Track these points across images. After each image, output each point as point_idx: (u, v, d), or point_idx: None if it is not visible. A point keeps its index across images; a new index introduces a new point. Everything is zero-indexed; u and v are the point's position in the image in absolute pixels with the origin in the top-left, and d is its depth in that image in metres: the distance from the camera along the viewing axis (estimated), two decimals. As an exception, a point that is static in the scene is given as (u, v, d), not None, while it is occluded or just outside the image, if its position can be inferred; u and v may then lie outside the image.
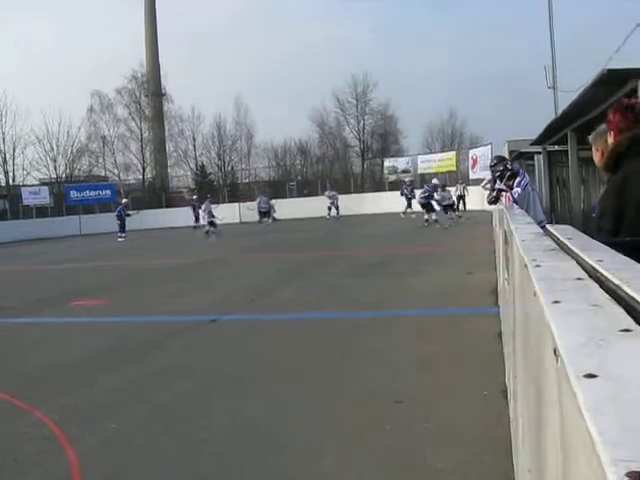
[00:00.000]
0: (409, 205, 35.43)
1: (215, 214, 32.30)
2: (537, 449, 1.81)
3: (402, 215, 34.71)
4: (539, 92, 61.12)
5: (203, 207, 33.27)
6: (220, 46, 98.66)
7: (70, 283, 17.13)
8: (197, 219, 37.36)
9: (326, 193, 40.10)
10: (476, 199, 36.02)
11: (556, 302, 1.43)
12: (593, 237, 2.91)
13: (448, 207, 29.48)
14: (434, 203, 28.52)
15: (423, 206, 28.67)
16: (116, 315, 11.35)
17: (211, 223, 31.88)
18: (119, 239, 33.80)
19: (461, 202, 38.50)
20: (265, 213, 40.16)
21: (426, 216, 28.44)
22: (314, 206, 42.90)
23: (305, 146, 67.73)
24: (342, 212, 39.97)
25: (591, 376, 0.88)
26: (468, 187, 39.66)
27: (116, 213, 35.88)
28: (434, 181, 30.23)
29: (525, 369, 2.48)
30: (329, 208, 39.08)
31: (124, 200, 38.28)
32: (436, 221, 27.68)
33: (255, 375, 7.09)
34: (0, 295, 15.58)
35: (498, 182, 9.88)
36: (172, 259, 22.23)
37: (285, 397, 6.25)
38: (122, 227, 35.07)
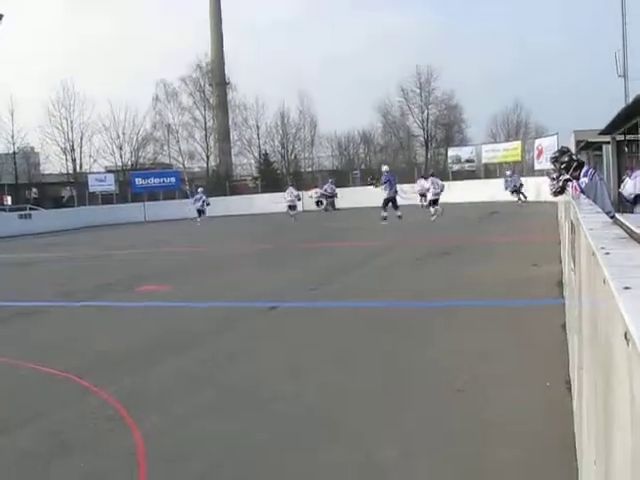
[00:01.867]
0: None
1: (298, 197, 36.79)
2: (604, 439, 1.78)
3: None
4: (607, 81, 59.58)
5: (287, 193, 35.91)
6: (284, 34, 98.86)
7: (135, 269, 17.44)
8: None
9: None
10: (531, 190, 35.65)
11: (627, 288, 1.41)
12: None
13: (432, 201, 26.91)
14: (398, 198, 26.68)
15: (390, 201, 26.28)
16: (179, 300, 11.52)
17: (291, 207, 34.89)
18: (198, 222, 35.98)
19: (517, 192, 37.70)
20: (318, 202, 40.63)
21: (398, 212, 25.90)
22: (377, 195, 42.69)
23: (369, 136, 67.64)
24: (401, 202, 39.63)
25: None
26: (523, 177, 38.29)
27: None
28: (385, 167, 27.86)
29: (592, 358, 2.44)
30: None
31: (200, 189, 39.30)
32: (384, 218, 25.86)
33: (314, 362, 7.12)
34: (67, 279, 15.96)
35: (564, 173, 9.70)
36: (235, 246, 22.47)
37: (344, 384, 6.27)
38: (200, 212, 37.35)
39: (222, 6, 72.37)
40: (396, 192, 26.57)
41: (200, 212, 37.19)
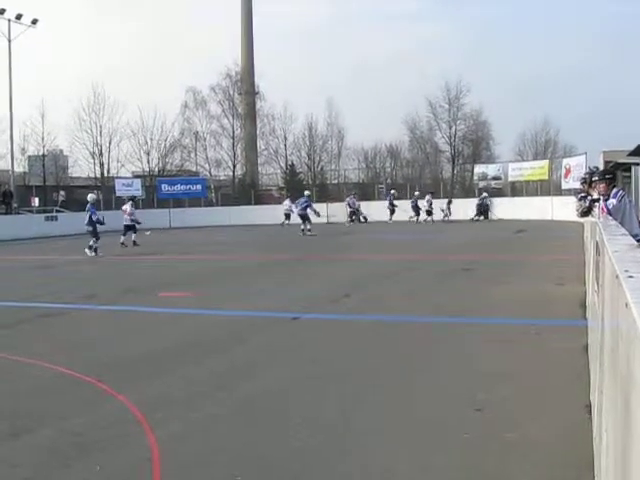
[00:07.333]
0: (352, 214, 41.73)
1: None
2: (622, 464, 1.76)
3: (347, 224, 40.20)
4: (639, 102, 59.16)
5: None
6: (314, 46, 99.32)
7: (158, 274, 17.53)
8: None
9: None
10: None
11: (649, 313, 1.39)
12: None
13: (352, 214, 40.83)
14: (310, 214, 32.67)
15: (301, 217, 32.55)
16: (201, 308, 11.55)
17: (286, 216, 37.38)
18: None
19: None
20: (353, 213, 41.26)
21: (302, 226, 32.29)
22: (402, 208, 42.57)
23: (395, 149, 67.37)
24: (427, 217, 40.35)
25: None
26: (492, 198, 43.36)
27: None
28: (306, 192, 35.58)
29: (613, 382, 2.41)
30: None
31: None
32: (310, 230, 31.71)
33: (333, 374, 7.11)
34: (90, 283, 16.07)
35: (592, 193, 9.63)
36: (258, 256, 22.50)
37: (362, 398, 6.24)
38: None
39: (253, 16, 72.77)
40: (304, 210, 32.74)
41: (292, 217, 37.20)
